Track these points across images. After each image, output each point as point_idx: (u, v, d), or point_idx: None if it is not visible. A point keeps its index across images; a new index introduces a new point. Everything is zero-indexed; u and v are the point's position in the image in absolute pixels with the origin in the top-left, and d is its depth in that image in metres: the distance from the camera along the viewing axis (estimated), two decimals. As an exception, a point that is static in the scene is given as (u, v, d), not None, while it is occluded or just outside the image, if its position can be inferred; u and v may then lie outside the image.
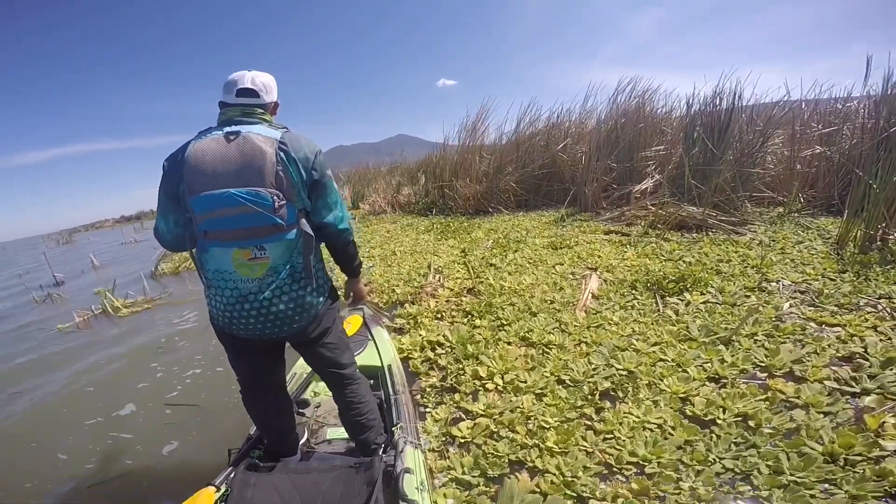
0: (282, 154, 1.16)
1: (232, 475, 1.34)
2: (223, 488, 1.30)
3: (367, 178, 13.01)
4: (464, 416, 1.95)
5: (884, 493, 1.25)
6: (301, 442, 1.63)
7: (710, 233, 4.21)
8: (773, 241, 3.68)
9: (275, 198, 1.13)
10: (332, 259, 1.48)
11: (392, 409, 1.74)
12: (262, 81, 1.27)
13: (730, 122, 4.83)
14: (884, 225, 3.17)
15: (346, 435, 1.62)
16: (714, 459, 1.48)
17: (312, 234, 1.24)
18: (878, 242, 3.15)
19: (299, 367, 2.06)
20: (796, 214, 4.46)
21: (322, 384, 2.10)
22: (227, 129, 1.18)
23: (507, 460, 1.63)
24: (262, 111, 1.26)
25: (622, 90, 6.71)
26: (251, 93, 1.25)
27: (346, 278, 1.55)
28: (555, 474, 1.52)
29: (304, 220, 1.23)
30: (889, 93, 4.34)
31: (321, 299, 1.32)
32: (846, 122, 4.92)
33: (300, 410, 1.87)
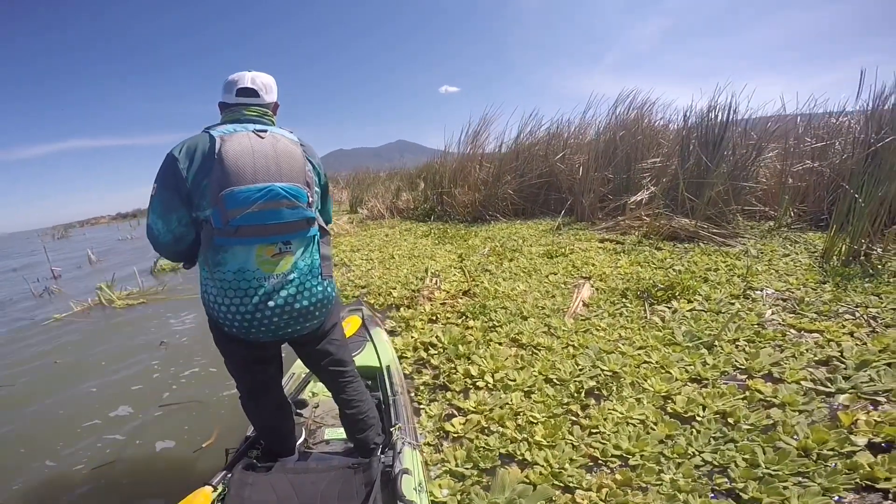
0: (307, 156, 1.24)
1: (229, 475, 1.33)
2: (220, 488, 1.29)
3: (367, 183, 13.11)
4: (455, 413, 1.99)
5: (854, 485, 1.31)
6: (299, 442, 1.63)
7: (702, 244, 4.29)
8: (762, 252, 3.77)
9: (308, 194, 1.20)
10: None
11: (391, 410, 1.73)
12: (263, 81, 1.28)
13: (724, 135, 4.92)
14: (867, 239, 3.24)
15: (344, 435, 1.61)
16: (693, 453, 1.54)
17: (328, 230, 1.30)
18: (862, 257, 3.22)
19: (297, 367, 2.05)
20: (786, 228, 4.54)
21: (320, 384, 2.06)
22: (253, 126, 1.19)
23: (497, 453, 1.67)
24: (271, 114, 1.29)
25: (622, 101, 6.88)
26: (251, 92, 1.25)
27: None
28: (543, 466, 1.57)
29: (320, 218, 1.29)
30: (878, 107, 4.37)
31: (333, 293, 1.35)
32: (838, 137, 4.98)
33: (298, 411, 1.85)
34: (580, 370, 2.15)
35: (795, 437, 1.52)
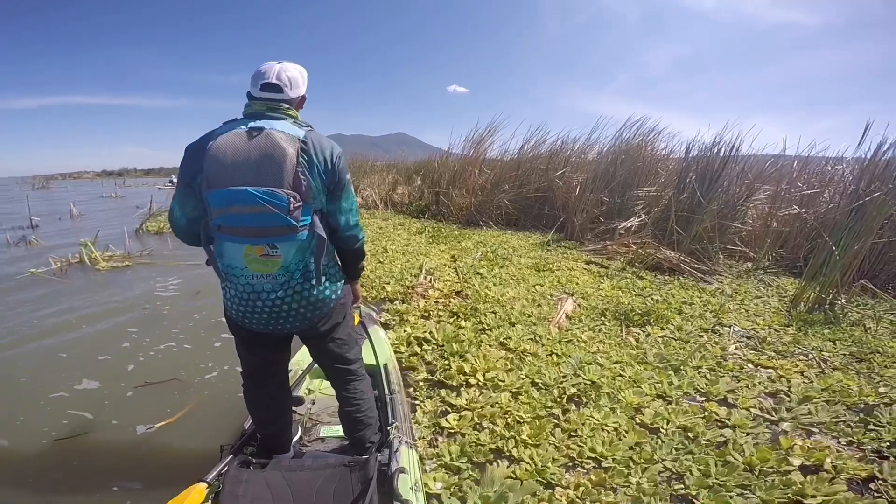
0: (303, 156, 1.16)
1: (224, 471, 1.33)
2: (214, 484, 1.29)
3: (363, 171, 13.08)
4: (449, 409, 2.13)
5: (787, 499, 1.54)
6: (294, 440, 1.63)
7: (681, 277, 4.56)
8: (736, 292, 4.04)
9: (291, 199, 1.13)
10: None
11: (387, 409, 1.75)
12: (289, 76, 1.24)
13: (722, 172, 5.07)
14: (835, 290, 3.48)
15: (340, 433, 1.63)
16: (657, 460, 1.75)
17: (325, 236, 1.24)
18: (826, 306, 3.47)
19: (295, 364, 2.07)
20: (762, 272, 4.78)
21: (317, 381, 2.16)
22: (252, 124, 1.17)
23: (488, 449, 1.82)
24: (287, 106, 1.25)
25: (629, 127, 7.05)
26: (275, 88, 1.22)
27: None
28: (528, 463, 1.74)
29: (318, 222, 1.23)
30: (876, 160, 4.46)
31: (333, 296, 1.34)
32: (829, 186, 5.18)
33: (294, 408, 1.81)
34: (563, 377, 2.35)
35: (742, 454, 1.75)
